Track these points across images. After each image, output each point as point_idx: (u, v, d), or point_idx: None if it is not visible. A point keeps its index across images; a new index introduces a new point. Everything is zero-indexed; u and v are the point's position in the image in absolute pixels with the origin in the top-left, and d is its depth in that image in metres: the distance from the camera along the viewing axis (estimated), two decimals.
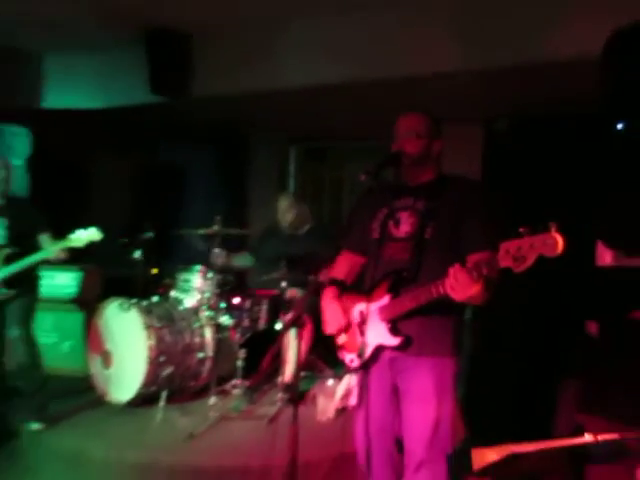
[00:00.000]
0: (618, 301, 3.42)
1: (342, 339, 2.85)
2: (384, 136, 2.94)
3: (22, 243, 4.07)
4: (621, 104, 2.70)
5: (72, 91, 5.89)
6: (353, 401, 4.41)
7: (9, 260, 4.00)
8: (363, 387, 2.85)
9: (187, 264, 4.85)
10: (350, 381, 4.46)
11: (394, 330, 2.60)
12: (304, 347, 4.57)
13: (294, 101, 5.47)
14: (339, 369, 4.59)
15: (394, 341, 2.60)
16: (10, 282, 4.02)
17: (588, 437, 1.79)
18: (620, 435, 1.79)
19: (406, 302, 2.53)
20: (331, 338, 3.24)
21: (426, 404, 2.58)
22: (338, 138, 6.52)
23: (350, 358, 2.81)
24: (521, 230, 1.96)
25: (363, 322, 2.73)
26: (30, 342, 4.17)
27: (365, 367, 2.78)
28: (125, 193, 6.58)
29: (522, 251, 2.01)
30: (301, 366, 4.67)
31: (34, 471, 3.83)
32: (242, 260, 5.15)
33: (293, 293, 4.63)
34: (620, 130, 2.66)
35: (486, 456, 1.85)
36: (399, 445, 2.85)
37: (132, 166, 6.90)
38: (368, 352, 2.72)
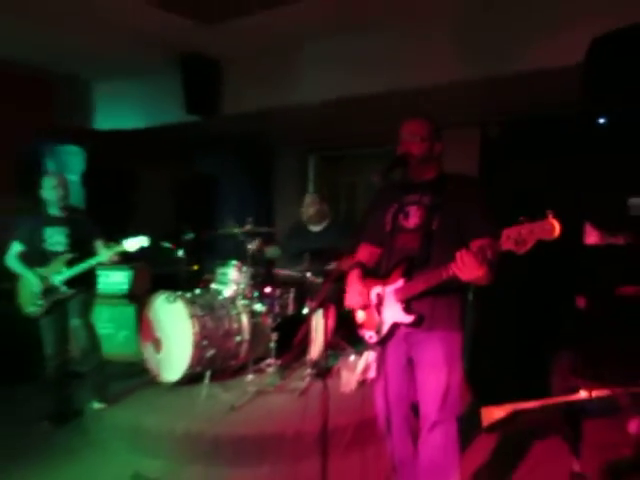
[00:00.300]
0: (604, 278, 3.40)
1: (361, 318, 2.87)
2: (392, 143, 2.95)
3: (80, 249, 4.10)
4: (602, 103, 2.68)
5: (119, 114, 5.90)
6: (372, 374, 4.45)
7: (69, 264, 4.03)
8: (381, 360, 2.88)
9: (224, 260, 4.82)
10: (369, 357, 4.46)
11: (408, 309, 2.62)
12: (329, 329, 4.55)
13: (311, 114, 5.40)
14: (359, 347, 4.61)
15: (408, 319, 2.62)
16: (70, 282, 4.05)
17: (583, 394, 1.80)
18: (611, 391, 1.79)
19: (419, 284, 2.55)
20: (352, 321, 3.27)
21: (438, 372, 2.61)
22: (351, 146, 6.44)
23: (369, 335, 2.83)
24: (521, 218, 1.99)
25: (380, 303, 2.75)
26: (90, 330, 4.19)
27: (382, 343, 2.80)
28: (167, 201, 6.53)
29: (522, 236, 2.04)
30: (326, 345, 4.58)
31: (97, 444, 3.88)
32: (272, 252, 5.12)
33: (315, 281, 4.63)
34: (602, 124, 2.64)
35: (493, 413, 1.88)
36: (414, 410, 2.90)
37: (172, 177, 6.84)
38: (385, 329, 2.74)
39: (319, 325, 4.51)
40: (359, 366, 4.41)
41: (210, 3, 3.99)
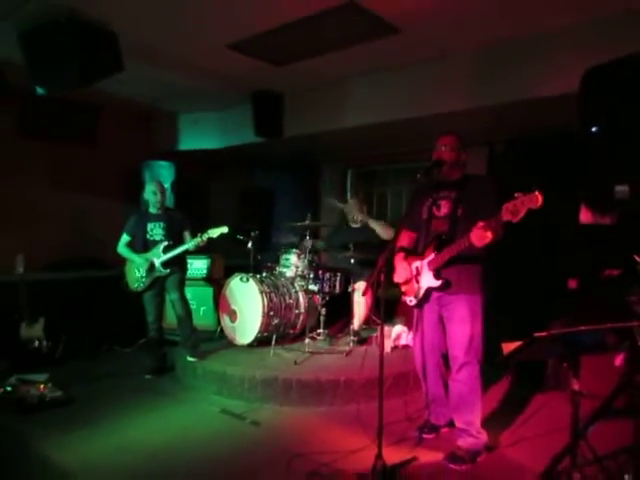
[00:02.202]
0: (593, 261, 3.53)
1: (405, 287, 3.12)
2: (417, 160, 3.17)
3: (174, 238, 4.36)
4: (595, 123, 2.81)
5: (198, 137, 6.13)
6: (402, 342, 4.64)
7: (165, 250, 4.30)
8: (418, 319, 3.15)
9: (285, 249, 5.05)
10: (399, 329, 4.67)
11: (437, 276, 2.88)
12: (367, 305, 4.76)
13: (350, 137, 5.52)
14: (390, 322, 4.82)
15: (437, 283, 2.88)
16: (166, 264, 4.32)
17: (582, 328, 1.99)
18: (599, 325, 1.99)
19: (445, 255, 2.81)
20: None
21: (463, 324, 2.86)
22: (382, 163, 6.53)
23: (409, 299, 3.10)
24: (515, 194, 2.28)
25: (418, 274, 3.03)
26: (184, 302, 4.46)
27: (419, 305, 3.07)
28: (234, 207, 6.75)
29: (517, 207, 2.34)
30: (366, 318, 4.85)
31: (191, 389, 4.15)
32: (319, 245, 5.31)
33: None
34: (594, 132, 2.78)
35: (511, 345, 2.09)
36: (444, 360, 3.12)
37: (238, 188, 7.07)
38: (421, 294, 3.01)
39: (360, 302, 4.67)
40: (392, 335, 4.60)
41: (278, 49, 4.23)
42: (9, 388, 3.85)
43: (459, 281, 2.87)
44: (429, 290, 2.97)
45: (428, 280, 2.94)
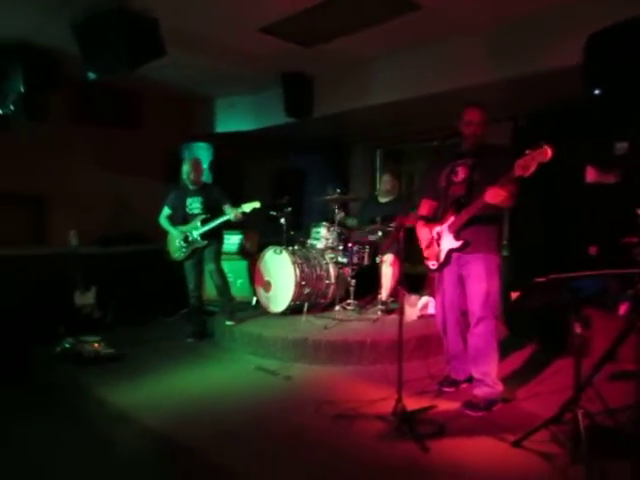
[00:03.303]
0: (610, 226, 3.60)
1: (427, 253, 3.32)
2: (441, 137, 3.31)
3: (212, 211, 4.66)
4: (598, 86, 2.91)
5: (233, 119, 6.41)
6: (429, 311, 4.82)
7: (203, 222, 4.62)
8: (440, 280, 3.35)
9: (315, 223, 5.30)
10: (425, 299, 4.83)
11: (457, 236, 3.08)
12: (394, 276, 4.89)
13: (377, 116, 5.65)
14: (417, 294, 4.97)
15: (457, 244, 3.09)
16: (204, 236, 4.64)
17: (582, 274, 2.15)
18: (600, 271, 2.14)
19: (463, 216, 3.01)
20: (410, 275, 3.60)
21: (481, 282, 3.05)
22: (409, 142, 6.63)
23: (432, 263, 3.30)
24: (526, 151, 2.45)
25: (439, 238, 3.24)
26: (221, 272, 4.77)
27: (440, 268, 3.28)
28: (267, 186, 7.03)
29: (527, 162, 2.52)
30: (393, 289, 4.95)
31: (229, 351, 4.49)
32: (350, 221, 5.50)
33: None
34: (597, 94, 2.88)
35: (517, 292, 2.26)
36: (463, 317, 3.32)
37: (271, 168, 7.35)
38: (442, 257, 3.21)
39: (387, 273, 4.86)
40: (419, 304, 4.80)
41: (306, 31, 4.45)
42: (67, 345, 4.29)
43: (477, 241, 3.06)
44: (450, 252, 3.17)
45: (449, 242, 3.14)
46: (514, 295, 2.42)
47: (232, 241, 5.85)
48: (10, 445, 3.02)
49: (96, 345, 4.28)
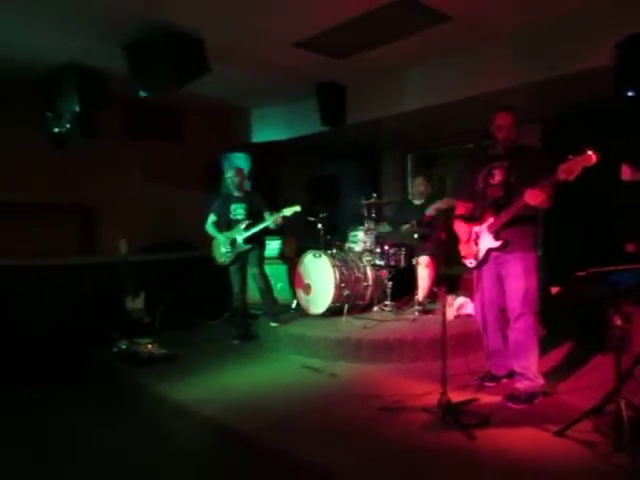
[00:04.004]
0: None
1: (464, 251, 3.43)
2: (473, 141, 3.42)
3: (254, 217, 4.87)
4: (630, 88, 2.99)
5: (269, 130, 6.68)
6: (465, 311, 4.92)
7: (247, 227, 4.84)
8: (478, 279, 3.46)
9: (353, 227, 5.47)
10: (462, 300, 4.91)
11: (497, 237, 3.19)
12: (430, 278, 5.02)
13: (408, 123, 5.81)
14: (453, 294, 5.07)
15: (497, 244, 3.20)
16: (248, 241, 4.85)
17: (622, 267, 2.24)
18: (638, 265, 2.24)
19: (503, 217, 3.12)
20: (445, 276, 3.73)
21: (519, 280, 3.16)
22: (440, 146, 6.74)
23: (470, 262, 3.42)
24: (569, 156, 2.56)
25: (477, 237, 3.36)
26: (264, 275, 5.00)
27: (479, 266, 3.39)
28: (303, 192, 7.21)
29: (571, 167, 2.62)
30: (429, 290, 5.09)
31: (273, 351, 4.67)
32: (384, 228, 5.60)
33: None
34: (631, 96, 2.94)
35: (557, 288, 2.36)
36: (502, 314, 3.42)
37: (306, 174, 7.59)
38: (481, 255, 3.33)
39: (423, 275, 4.99)
40: (455, 304, 4.89)
41: (339, 44, 4.65)
42: (124, 346, 4.58)
43: (515, 241, 3.16)
44: (489, 251, 3.29)
45: (488, 242, 3.26)
46: (554, 290, 2.53)
47: (272, 246, 6.09)
48: (87, 436, 3.29)
49: (149, 346, 4.55)
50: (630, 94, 3.02)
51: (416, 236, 5.00)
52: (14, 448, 3.25)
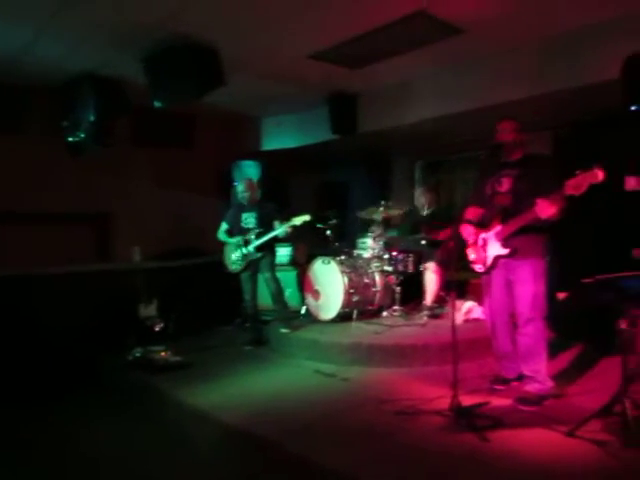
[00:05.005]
0: None
1: (472, 257, 3.53)
2: (481, 148, 3.54)
3: (265, 226, 4.97)
4: (634, 103, 3.13)
5: (279, 138, 6.80)
6: (473, 315, 5.02)
7: (258, 236, 4.94)
8: (487, 284, 3.57)
9: (362, 234, 5.59)
10: (470, 305, 5.03)
11: (505, 244, 3.29)
12: (438, 283, 5.10)
13: (417, 131, 5.91)
14: (461, 299, 5.16)
15: (505, 251, 3.29)
16: (259, 248, 4.95)
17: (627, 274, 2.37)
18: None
19: (512, 226, 3.21)
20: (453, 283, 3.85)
21: (528, 285, 3.26)
22: (448, 153, 6.84)
23: (478, 267, 3.52)
24: (577, 172, 2.66)
25: (485, 244, 3.46)
26: (275, 281, 5.09)
27: (487, 272, 3.49)
28: (313, 199, 7.39)
29: (578, 183, 2.72)
30: (437, 295, 5.16)
31: (286, 356, 4.76)
32: (391, 233, 5.78)
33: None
34: (633, 110, 3.07)
35: (564, 293, 2.47)
36: (511, 318, 3.52)
37: (316, 181, 7.73)
38: (489, 262, 3.43)
39: (431, 280, 5.09)
40: (463, 309, 5.00)
41: (352, 56, 4.77)
42: (138, 354, 4.70)
43: (524, 249, 3.26)
44: (496, 258, 3.40)
45: (496, 249, 3.36)
46: (561, 295, 2.64)
47: (282, 253, 6.17)
48: (102, 440, 3.41)
49: (163, 354, 4.66)
50: (633, 108, 3.15)
51: (423, 243, 5.14)
52: (27, 453, 3.35)
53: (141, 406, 4.12)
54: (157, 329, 5.49)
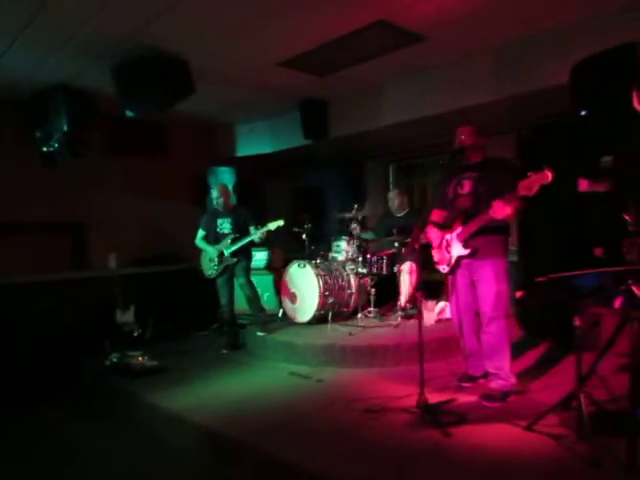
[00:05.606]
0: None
1: (437, 258, 3.66)
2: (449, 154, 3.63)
3: (240, 231, 5.05)
4: (584, 107, 3.28)
5: (253, 143, 6.83)
6: (445, 316, 5.13)
7: (233, 241, 5.01)
8: (452, 283, 3.69)
9: (336, 237, 5.68)
10: (442, 305, 5.14)
11: (466, 245, 3.41)
12: (412, 284, 5.18)
13: (388, 135, 6.02)
14: (435, 300, 5.29)
15: (466, 251, 3.41)
16: (234, 253, 5.02)
17: (579, 272, 2.47)
18: (593, 270, 2.46)
19: (471, 227, 3.34)
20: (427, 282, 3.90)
21: (490, 285, 3.38)
22: (419, 156, 6.97)
23: (442, 267, 3.64)
24: (529, 173, 2.78)
25: (448, 245, 3.58)
26: (251, 285, 5.16)
27: (452, 272, 3.61)
28: (287, 204, 7.42)
29: (530, 184, 2.84)
30: (411, 296, 5.25)
31: (262, 359, 4.83)
32: (367, 235, 5.83)
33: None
34: (583, 115, 3.20)
35: (521, 292, 2.57)
36: (477, 317, 3.64)
37: (290, 186, 7.75)
38: (452, 262, 3.55)
39: (406, 281, 5.19)
40: (436, 309, 5.15)
41: (320, 63, 4.85)
42: (115, 359, 4.72)
43: (485, 249, 3.39)
44: (459, 258, 3.52)
45: (458, 249, 3.49)
46: (518, 294, 2.74)
47: (259, 257, 6.25)
48: (82, 447, 3.44)
49: (140, 359, 4.69)
50: (583, 113, 3.29)
51: (397, 245, 5.23)
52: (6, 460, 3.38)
53: (118, 410, 4.15)
54: (134, 334, 5.52)
